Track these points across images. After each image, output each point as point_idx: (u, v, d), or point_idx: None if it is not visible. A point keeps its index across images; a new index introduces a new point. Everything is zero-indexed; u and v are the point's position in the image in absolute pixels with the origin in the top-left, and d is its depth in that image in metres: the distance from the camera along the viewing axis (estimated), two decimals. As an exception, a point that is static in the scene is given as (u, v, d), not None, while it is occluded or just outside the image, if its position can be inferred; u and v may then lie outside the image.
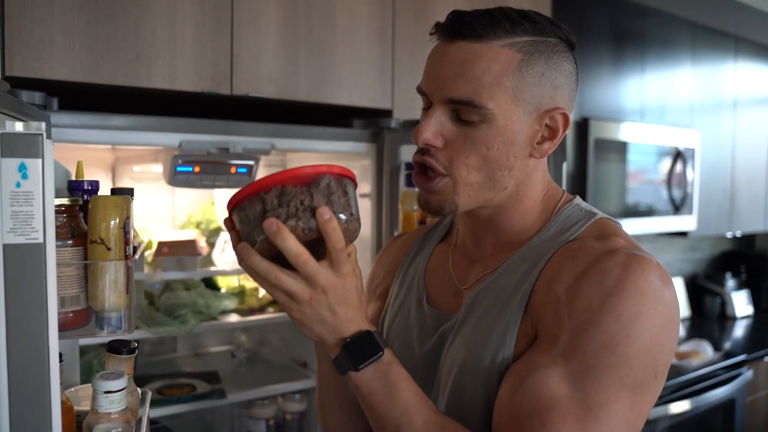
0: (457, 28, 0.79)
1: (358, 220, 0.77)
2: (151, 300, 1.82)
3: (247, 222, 0.74)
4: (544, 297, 0.78)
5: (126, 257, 0.91)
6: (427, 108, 0.84)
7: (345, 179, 0.76)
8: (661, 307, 0.74)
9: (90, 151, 1.86)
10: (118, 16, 1.40)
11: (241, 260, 0.73)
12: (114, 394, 0.89)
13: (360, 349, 0.76)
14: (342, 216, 0.74)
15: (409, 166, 1.69)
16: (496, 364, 0.79)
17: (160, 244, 1.74)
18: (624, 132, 2.84)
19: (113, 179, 2.05)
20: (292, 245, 0.70)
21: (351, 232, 0.76)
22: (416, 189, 0.88)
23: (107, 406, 0.89)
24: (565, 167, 1.59)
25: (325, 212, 0.70)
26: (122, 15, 1.41)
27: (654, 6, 2.97)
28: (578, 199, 0.90)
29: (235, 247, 0.74)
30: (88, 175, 1.93)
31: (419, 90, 0.84)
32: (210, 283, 1.98)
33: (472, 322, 0.84)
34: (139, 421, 1.03)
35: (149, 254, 1.77)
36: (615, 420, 0.72)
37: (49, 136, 1.23)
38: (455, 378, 0.83)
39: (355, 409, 0.90)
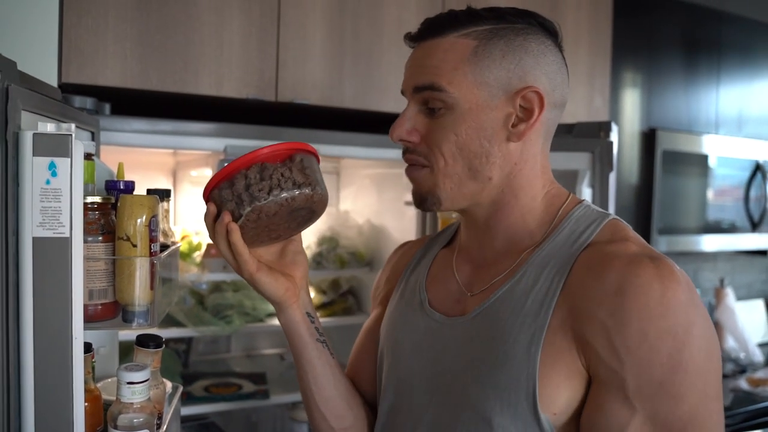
0: (421, 31, 0.85)
1: (326, 192, 0.86)
2: (201, 300, 1.88)
3: (231, 198, 0.81)
4: (587, 324, 0.75)
5: (151, 254, 0.95)
6: None
7: (312, 156, 0.85)
8: (701, 311, 0.74)
9: (152, 155, 1.95)
10: (168, 26, 1.47)
11: (223, 236, 0.83)
12: (136, 386, 0.92)
13: None
14: (317, 188, 0.83)
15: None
16: (522, 380, 0.76)
17: (209, 246, 1.80)
18: (697, 144, 2.70)
19: (174, 183, 2.14)
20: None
21: (323, 202, 0.86)
22: None
23: (129, 396, 0.92)
24: (612, 178, 1.52)
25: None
26: (172, 25, 1.48)
27: (732, 11, 2.82)
28: (588, 201, 0.88)
29: (211, 226, 0.84)
30: (150, 178, 2.05)
31: (402, 93, 0.88)
32: (259, 286, 2.02)
33: (488, 334, 0.81)
34: (165, 414, 1.07)
35: (198, 255, 1.84)
36: (717, 426, 0.73)
37: (96, 139, 1.30)
38: (466, 385, 0.81)
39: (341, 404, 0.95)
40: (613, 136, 1.54)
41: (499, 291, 0.83)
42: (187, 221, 2.10)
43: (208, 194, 0.84)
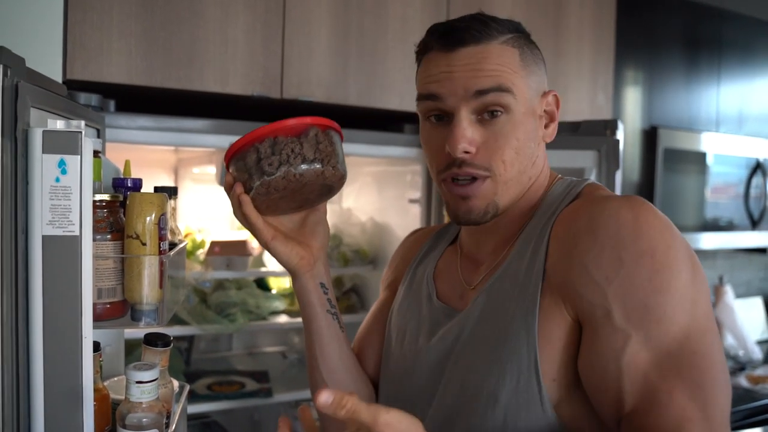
0: (456, 37, 0.81)
1: (343, 168, 0.84)
2: (204, 298, 1.87)
3: (243, 170, 0.82)
4: (567, 271, 0.75)
5: (160, 253, 0.94)
6: (431, 116, 0.84)
7: (331, 131, 0.83)
8: (680, 239, 0.73)
9: (153, 152, 1.94)
10: (173, 23, 1.46)
11: (237, 207, 0.85)
12: (145, 385, 0.91)
13: None
14: (329, 165, 0.81)
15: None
16: (524, 352, 0.76)
17: (212, 244, 1.79)
18: (700, 142, 2.71)
19: (176, 180, 2.13)
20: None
21: (338, 178, 0.84)
22: None
23: (138, 395, 0.91)
24: (618, 176, 1.52)
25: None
26: (177, 21, 1.47)
27: (733, 9, 2.82)
28: (567, 177, 0.91)
29: (230, 195, 0.85)
30: (152, 176, 2.04)
31: (425, 96, 0.83)
32: (261, 284, 2.02)
33: (489, 316, 0.82)
34: (173, 413, 1.06)
35: (201, 253, 1.83)
36: (713, 348, 0.71)
37: (102, 136, 1.29)
38: (471, 366, 0.81)
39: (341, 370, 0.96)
40: (619, 134, 1.54)
41: (494, 275, 0.85)
42: (190, 219, 2.10)
43: (228, 162, 0.85)
